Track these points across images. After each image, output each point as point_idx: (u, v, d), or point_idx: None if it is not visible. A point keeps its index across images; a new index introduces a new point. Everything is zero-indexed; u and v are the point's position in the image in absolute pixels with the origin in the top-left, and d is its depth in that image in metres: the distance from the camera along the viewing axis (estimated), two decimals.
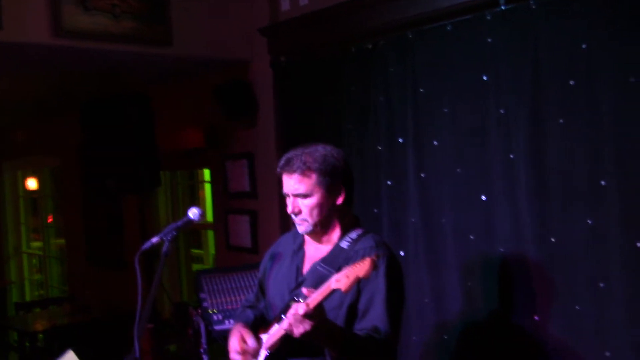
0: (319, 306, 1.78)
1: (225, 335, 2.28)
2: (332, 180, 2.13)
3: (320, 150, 2.15)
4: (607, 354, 2.46)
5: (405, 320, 3.19)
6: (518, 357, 2.78)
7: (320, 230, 2.16)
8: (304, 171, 2.10)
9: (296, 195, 2.12)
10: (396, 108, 3.32)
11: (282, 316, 1.97)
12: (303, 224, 2.14)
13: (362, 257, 2.05)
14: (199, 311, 3.44)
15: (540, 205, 2.67)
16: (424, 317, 3.20)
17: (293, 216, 2.15)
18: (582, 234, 2.53)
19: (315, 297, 1.78)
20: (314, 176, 2.10)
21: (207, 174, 5.85)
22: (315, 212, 2.12)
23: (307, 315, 1.76)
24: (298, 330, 1.80)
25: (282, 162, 2.15)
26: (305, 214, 2.12)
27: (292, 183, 2.11)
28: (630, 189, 2.38)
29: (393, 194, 3.36)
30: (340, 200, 2.16)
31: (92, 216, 7.03)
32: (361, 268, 1.68)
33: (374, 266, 1.69)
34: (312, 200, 2.11)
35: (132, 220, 5.96)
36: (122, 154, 4.46)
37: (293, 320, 1.79)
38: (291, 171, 2.11)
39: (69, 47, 3.62)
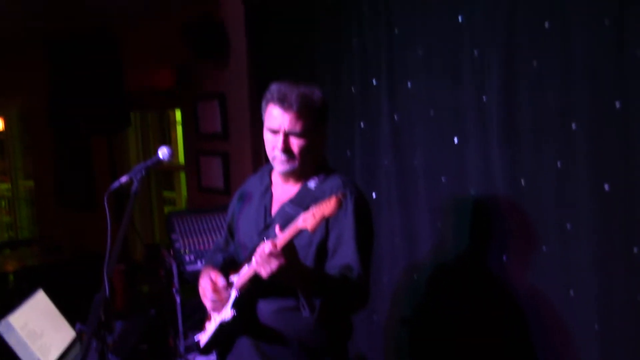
0: (289, 245, 1.78)
1: (197, 276, 2.29)
2: (323, 123, 2.13)
3: (316, 91, 2.10)
4: (572, 292, 2.53)
5: (377, 261, 3.25)
6: (486, 297, 2.84)
7: (300, 170, 2.14)
8: (304, 110, 2.04)
9: (289, 133, 2.06)
10: (370, 49, 3.27)
11: (252, 258, 1.97)
12: (289, 163, 2.10)
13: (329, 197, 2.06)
14: (171, 252, 3.44)
15: (511, 148, 2.68)
16: (395, 258, 3.24)
17: (279, 154, 2.08)
18: (551, 176, 2.56)
19: (282, 236, 1.77)
20: (312, 117, 2.06)
21: (178, 114, 5.77)
22: (305, 153, 2.09)
23: (274, 255, 1.76)
24: (266, 270, 1.79)
25: (274, 94, 2.06)
26: (295, 153, 2.08)
27: (287, 119, 2.04)
28: (601, 132, 2.39)
29: (366, 137, 3.35)
30: (322, 143, 2.16)
31: (61, 157, 6.93)
32: (327, 206, 1.68)
33: (340, 204, 1.68)
34: (306, 141, 2.07)
35: (101, 161, 5.88)
36: (90, 93, 4.36)
37: (260, 259, 1.78)
38: (289, 107, 2.03)
39: None
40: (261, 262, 1.79)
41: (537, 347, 2.66)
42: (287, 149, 2.07)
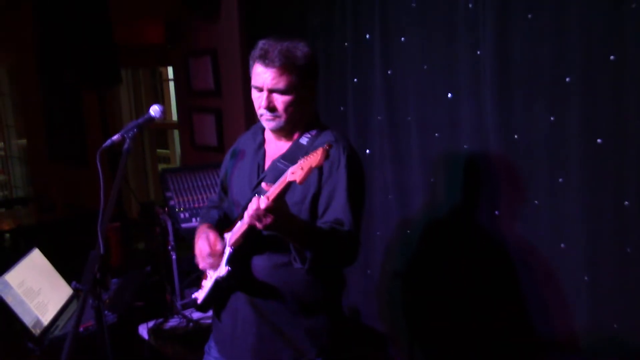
0: (279, 199, 1.78)
1: (192, 233, 2.30)
2: (310, 78, 2.08)
3: (301, 47, 2.05)
4: (562, 245, 2.56)
5: (370, 216, 3.27)
6: (478, 251, 2.87)
7: (289, 127, 2.12)
8: (286, 65, 2.00)
9: (273, 91, 2.03)
10: (363, 3, 3.23)
11: (245, 213, 1.98)
12: (275, 120, 2.08)
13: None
14: (166, 210, 3.45)
15: (504, 102, 2.67)
16: (388, 213, 3.26)
17: (264, 111, 2.06)
18: (544, 130, 2.56)
19: (272, 190, 1.78)
20: (295, 73, 2.02)
21: (171, 71, 5.71)
22: (291, 110, 2.06)
23: (266, 209, 1.76)
24: (259, 225, 1.80)
25: (257, 51, 2.03)
26: (280, 110, 2.05)
27: (269, 77, 2.01)
28: (594, 86, 2.38)
29: (359, 92, 3.33)
30: (311, 99, 2.13)
31: (52, 114, 6.87)
32: (314, 158, 1.67)
33: (327, 155, 1.67)
34: (290, 97, 2.04)
35: (93, 118, 5.84)
36: (79, 46, 4.29)
37: (253, 213, 1.79)
38: (271, 64, 1.99)
39: None
40: (254, 216, 1.79)
41: (529, 298, 2.70)
42: (270, 107, 2.05)
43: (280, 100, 2.04)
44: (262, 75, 2.02)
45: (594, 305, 2.48)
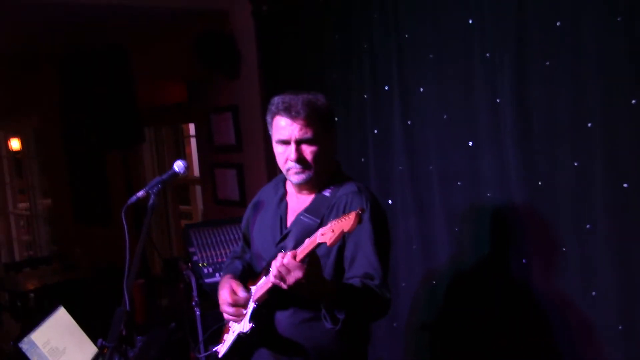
0: (310, 258, 1.77)
1: (215, 288, 2.29)
2: (332, 127, 2.12)
3: (320, 97, 2.10)
4: (594, 293, 2.50)
5: (394, 267, 3.24)
6: (506, 301, 2.81)
7: (317, 179, 2.11)
8: (311, 116, 2.03)
9: (301, 142, 2.04)
10: (380, 55, 3.28)
11: (270, 269, 1.97)
12: (305, 173, 2.07)
13: (345, 205, 2.05)
14: (189, 265, 3.45)
15: (526, 149, 2.66)
16: (412, 264, 3.23)
17: (293, 164, 2.06)
18: (569, 177, 2.54)
19: (302, 249, 1.77)
20: (321, 123, 2.05)
21: (192, 128, 5.80)
22: (321, 160, 2.07)
23: (293, 267, 1.75)
24: (286, 282, 1.77)
25: (279, 106, 2.05)
26: (310, 160, 2.06)
27: (296, 128, 2.02)
28: (616, 130, 2.37)
29: (379, 143, 3.34)
30: (334, 148, 2.15)
31: (77, 174, 6.99)
32: (347, 222, 1.66)
33: (359, 220, 1.67)
34: (318, 147, 2.05)
35: (117, 177, 5.92)
36: (103, 109, 4.40)
37: (280, 270, 1.77)
38: (297, 115, 2.01)
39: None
40: (283, 272, 1.77)
41: (561, 349, 2.62)
42: (300, 158, 2.05)
43: (308, 151, 2.05)
44: (289, 128, 2.03)
45: (629, 354, 2.41)
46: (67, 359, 2.84)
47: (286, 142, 2.06)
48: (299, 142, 2.04)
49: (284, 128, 2.04)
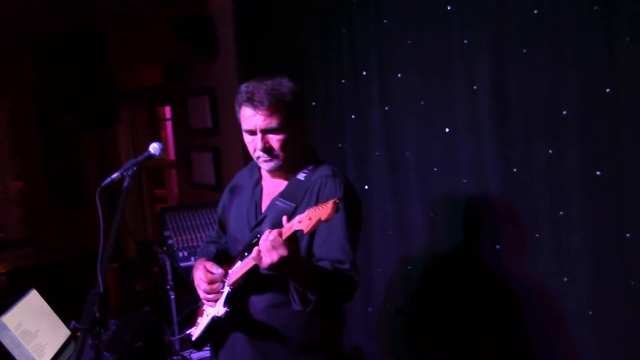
0: (292, 237, 1.77)
1: (190, 271, 2.28)
2: (299, 114, 2.08)
3: (286, 83, 2.06)
4: (565, 279, 2.54)
5: (370, 252, 3.26)
6: (480, 287, 2.84)
7: (287, 165, 2.11)
8: (275, 104, 2.00)
9: (266, 131, 2.03)
10: (359, 40, 3.27)
11: (246, 254, 1.96)
12: (273, 161, 2.07)
13: (319, 188, 2.06)
14: (164, 249, 3.43)
15: (502, 136, 2.68)
16: (388, 249, 3.24)
17: (261, 153, 2.05)
18: (543, 164, 2.56)
19: (286, 229, 1.77)
20: (286, 110, 2.02)
21: (168, 111, 5.75)
22: (288, 148, 2.05)
23: (278, 244, 1.74)
24: (267, 260, 1.77)
25: (242, 95, 2.04)
26: (277, 149, 2.05)
27: (260, 118, 2.01)
28: (592, 118, 2.39)
29: (357, 128, 3.34)
30: (303, 135, 2.13)
31: (51, 157, 6.89)
32: (324, 211, 1.66)
33: (337, 209, 1.67)
34: (284, 135, 2.04)
35: (91, 159, 5.85)
36: (78, 91, 4.33)
37: (264, 248, 1.77)
38: (259, 105, 2.00)
39: None
40: (266, 250, 1.77)
41: (533, 334, 2.66)
42: (267, 147, 2.05)
43: (274, 140, 2.04)
44: (253, 118, 2.02)
45: (599, 339, 2.45)
46: (40, 342, 2.82)
47: (252, 132, 2.05)
48: (264, 131, 2.03)
49: (249, 118, 2.03)
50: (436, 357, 3.06)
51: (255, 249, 1.80)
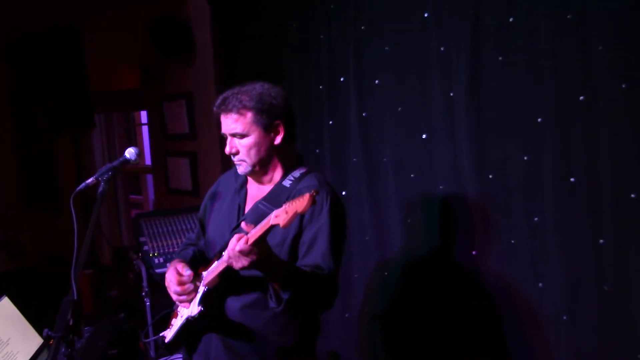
0: (261, 240, 1.76)
1: None
2: (269, 118, 2.07)
3: (257, 88, 2.08)
4: (540, 285, 2.56)
5: (347, 257, 3.25)
6: (457, 292, 2.86)
7: (260, 170, 2.13)
8: (240, 110, 2.04)
9: (233, 135, 2.07)
10: (337, 46, 3.28)
11: (223, 253, 1.95)
12: (242, 165, 2.10)
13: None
14: (140, 255, 3.40)
15: (478, 142, 2.70)
16: (365, 255, 3.25)
17: (232, 157, 2.11)
18: (519, 170, 2.59)
19: (254, 232, 1.76)
20: (249, 115, 2.04)
21: (144, 116, 5.70)
22: (252, 152, 2.07)
23: (245, 251, 1.75)
24: (237, 264, 1.79)
25: (218, 101, 2.09)
26: (242, 154, 2.08)
27: (228, 123, 2.06)
28: (566, 125, 2.42)
29: (335, 134, 3.35)
30: (278, 140, 2.11)
31: (25, 159, 6.78)
32: (300, 203, 1.66)
33: (313, 201, 1.66)
34: (249, 140, 2.06)
35: (66, 163, 5.78)
36: (53, 92, 4.27)
37: (232, 254, 1.78)
38: (227, 110, 2.05)
39: None
40: (234, 256, 1.78)
41: (508, 338, 2.69)
42: (234, 152, 2.09)
43: (241, 144, 2.08)
44: (224, 123, 2.08)
45: (573, 344, 2.48)
46: (11, 350, 2.77)
47: (226, 137, 2.11)
48: (233, 135, 2.08)
49: (222, 122, 2.10)
50: None
51: (225, 254, 1.81)
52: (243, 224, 1.82)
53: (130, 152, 2.18)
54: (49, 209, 6.42)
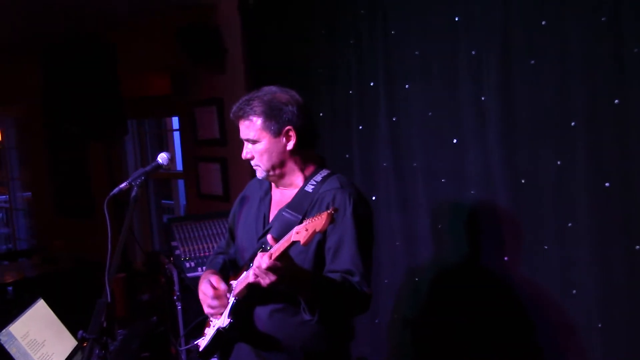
0: (284, 255, 1.78)
1: (198, 283, 2.27)
2: (278, 124, 2.06)
3: (269, 94, 2.09)
4: (574, 291, 2.52)
5: (377, 263, 3.23)
6: (488, 298, 2.83)
7: (276, 175, 2.13)
8: (250, 116, 2.06)
9: (247, 141, 2.10)
10: (367, 51, 3.28)
11: (251, 264, 1.95)
12: (257, 169, 2.14)
13: (329, 203, 2.05)
14: (171, 259, 3.43)
15: (510, 147, 2.68)
16: (395, 260, 3.23)
17: (250, 162, 2.14)
18: (551, 175, 2.56)
19: (276, 248, 1.78)
20: (259, 121, 2.06)
21: (175, 121, 5.76)
22: (264, 158, 2.09)
23: (270, 268, 1.76)
24: (264, 282, 1.81)
25: (234, 108, 2.12)
26: (256, 159, 2.10)
27: (243, 129, 2.09)
28: (600, 129, 2.39)
29: (364, 139, 3.35)
30: (290, 145, 2.09)
31: (58, 166, 6.91)
32: (319, 222, 1.68)
33: (332, 220, 1.68)
34: (261, 146, 2.08)
35: (99, 170, 5.87)
36: (86, 100, 4.35)
37: (258, 272, 1.80)
38: (240, 116, 2.09)
39: None
40: (259, 274, 1.81)
41: (541, 346, 2.65)
42: (248, 157, 2.12)
43: (254, 150, 2.10)
44: (240, 129, 2.12)
45: (608, 352, 2.43)
46: (47, 352, 2.82)
47: (243, 142, 2.14)
48: (247, 141, 2.11)
49: (240, 128, 2.12)
50: None
51: (251, 271, 1.84)
52: (268, 237, 1.84)
53: (162, 157, 2.21)
54: (82, 214, 6.52)
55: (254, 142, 2.09)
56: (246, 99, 2.09)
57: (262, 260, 1.76)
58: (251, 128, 2.07)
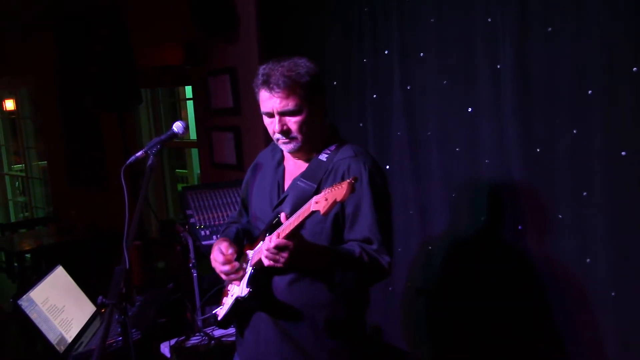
0: (294, 233, 1.79)
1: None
2: (317, 93, 2.07)
3: (301, 63, 2.04)
4: (588, 260, 2.52)
5: None
6: (501, 267, 2.84)
7: (307, 147, 2.11)
8: (291, 86, 1.99)
9: (283, 114, 2.03)
10: (381, 19, 3.24)
11: (267, 234, 1.97)
12: (292, 143, 2.07)
13: (344, 171, 2.05)
14: (186, 227, 3.46)
15: (525, 116, 2.65)
16: (409, 229, 3.24)
17: (280, 136, 2.06)
18: (567, 144, 2.53)
19: (292, 220, 1.78)
20: (301, 90, 2.01)
21: (188, 91, 5.76)
22: (305, 129, 2.04)
23: (280, 247, 1.77)
24: (278, 262, 1.83)
25: (260, 78, 2.04)
26: (295, 131, 2.04)
27: (277, 101, 2.00)
28: (617, 98, 2.36)
29: (378, 108, 3.33)
30: (321, 114, 2.11)
31: (73, 136, 6.96)
32: (339, 191, 1.67)
33: (352, 189, 1.67)
34: (302, 117, 2.03)
35: (113, 139, 5.90)
36: (99, 70, 4.35)
37: (269, 254, 1.82)
38: (275, 88, 1.99)
39: None
40: (271, 256, 1.82)
41: (555, 315, 2.66)
42: (285, 130, 2.04)
43: (292, 122, 2.03)
44: (270, 101, 2.02)
45: (621, 321, 2.44)
46: (66, 317, 2.88)
47: (271, 115, 2.05)
48: (282, 114, 2.03)
49: (267, 101, 2.03)
50: (457, 338, 3.07)
51: (263, 254, 1.85)
52: (282, 215, 1.85)
53: (177, 126, 2.22)
54: (97, 184, 6.59)
55: (294, 113, 2.02)
56: (276, 68, 2.01)
57: (271, 241, 1.80)
58: (290, 99, 2.00)
